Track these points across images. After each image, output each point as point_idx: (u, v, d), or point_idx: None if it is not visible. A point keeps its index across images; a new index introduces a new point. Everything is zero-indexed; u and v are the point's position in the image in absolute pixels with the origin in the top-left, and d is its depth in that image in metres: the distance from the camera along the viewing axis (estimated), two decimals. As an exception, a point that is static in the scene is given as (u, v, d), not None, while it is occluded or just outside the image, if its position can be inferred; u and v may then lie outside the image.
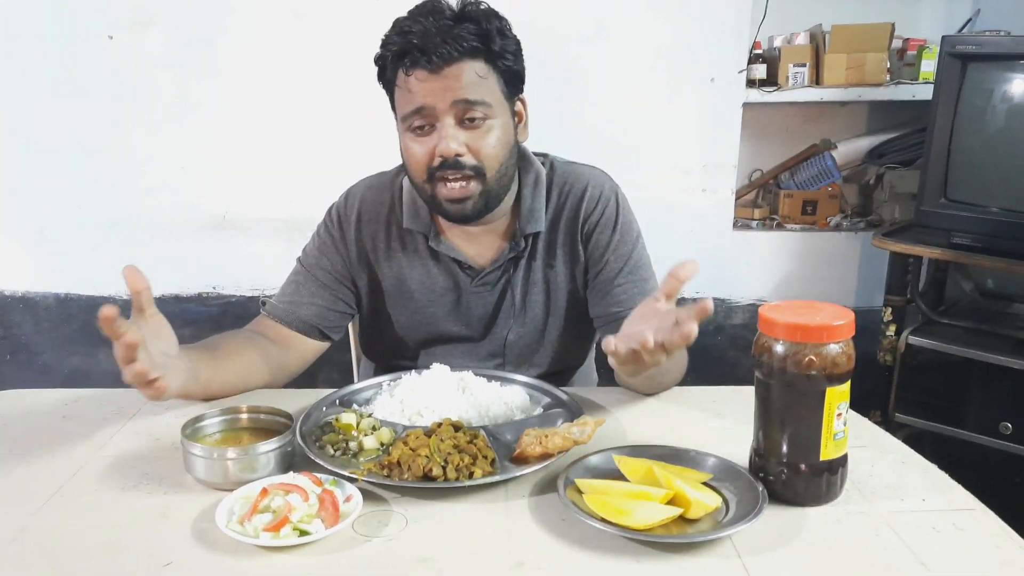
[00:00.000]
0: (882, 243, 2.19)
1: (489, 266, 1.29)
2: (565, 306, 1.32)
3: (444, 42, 1.10)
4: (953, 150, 2.05)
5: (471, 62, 1.13)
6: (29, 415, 1.15)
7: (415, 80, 1.13)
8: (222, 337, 1.21)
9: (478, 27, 1.13)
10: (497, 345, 1.33)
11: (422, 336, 1.34)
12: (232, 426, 1.01)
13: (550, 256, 1.30)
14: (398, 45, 1.13)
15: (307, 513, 0.83)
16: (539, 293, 1.30)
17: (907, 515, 0.87)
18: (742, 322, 2.51)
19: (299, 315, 1.28)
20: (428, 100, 1.13)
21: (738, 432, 1.00)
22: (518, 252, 1.28)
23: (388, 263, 1.31)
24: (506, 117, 1.19)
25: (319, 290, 1.30)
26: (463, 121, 1.15)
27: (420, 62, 1.11)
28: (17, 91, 2.27)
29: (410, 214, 1.28)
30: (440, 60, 1.11)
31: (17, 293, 2.44)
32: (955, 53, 2.00)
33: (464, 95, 1.13)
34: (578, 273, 1.30)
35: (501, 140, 1.18)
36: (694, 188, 2.39)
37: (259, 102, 2.27)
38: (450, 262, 1.29)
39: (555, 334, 1.34)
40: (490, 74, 1.16)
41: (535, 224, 1.27)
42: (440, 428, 0.98)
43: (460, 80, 1.13)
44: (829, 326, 0.84)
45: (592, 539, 0.82)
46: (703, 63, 2.30)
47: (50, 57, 2.24)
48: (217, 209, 2.35)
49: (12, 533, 0.84)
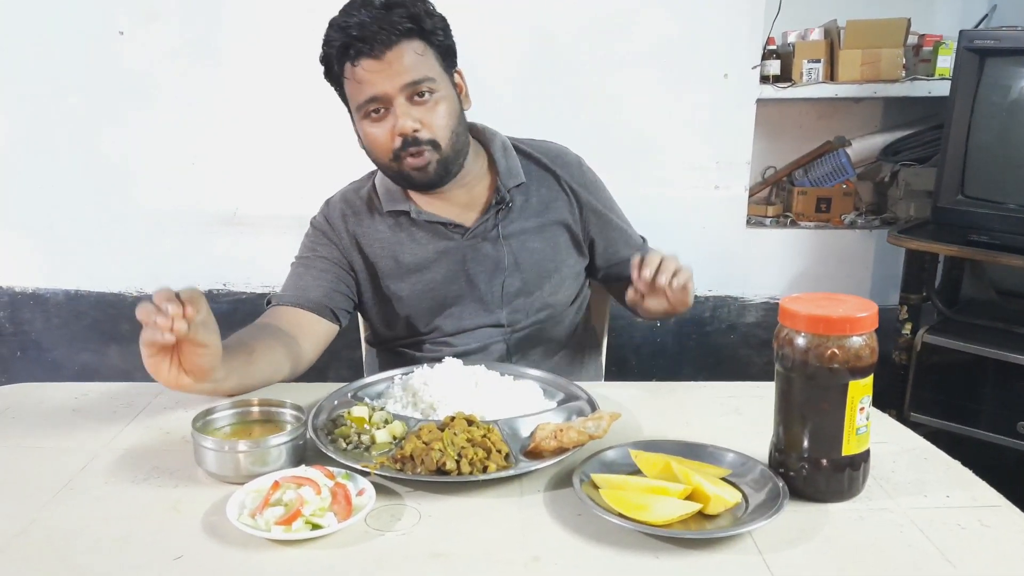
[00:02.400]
0: (898, 240, 2.16)
1: (478, 221, 1.36)
2: (564, 250, 1.41)
3: (381, 29, 1.19)
4: (970, 146, 2.02)
5: (408, 43, 1.22)
6: (39, 408, 1.14)
7: (362, 70, 1.22)
8: (252, 337, 1.20)
9: (407, 10, 1.22)
10: (496, 296, 1.37)
11: (427, 305, 1.37)
12: (243, 419, 1.00)
13: (541, 208, 1.39)
14: (339, 40, 1.21)
15: (319, 507, 0.82)
16: (537, 242, 1.38)
17: (931, 511, 0.85)
18: (755, 320, 2.49)
19: (309, 296, 1.32)
20: (379, 88, 1.22)
21: (756, 427, 0.98)
22: (504, 205, 1.36)
23: (379, 246, 1.37)
24: (448, 89, 1.28)
25: (322, 274, 1.35)
26: (412, 98, 1.23)
27: (364, 52, 1.20)
28: (28, 87, 2.27)
29: (387, 199, 1.37)
30: (381, 46, 1.20)
31: (28, 289, 2.44)
32: (973, 48, 1.97)
33: (410, 76, 1.22)
34: (574, 225, 1.41)
35: (449, 110, 1.27)
36: (707, 185, 2.36)
37: (270, 98, 2.26)
38: (437, 227, 1.35)
39: (555, 280, 1.40)
40: (427, 51, 1.25)
41: (515, 178, 1.37)
42: (453, 422, 0.97)
43: (403, 61, 1.21)
44: (852, 318, 0.82)
45: (609, 534, 0.80)
46: (716, 59, 2.27)
47: (61, 53, 2.24)
48: (228, 205, 2.34)
49: (22, 525, 0.83)
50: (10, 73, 2.26)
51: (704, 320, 2.49)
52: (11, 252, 2.41)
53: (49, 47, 2.23)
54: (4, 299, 2.44)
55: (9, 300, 2.44)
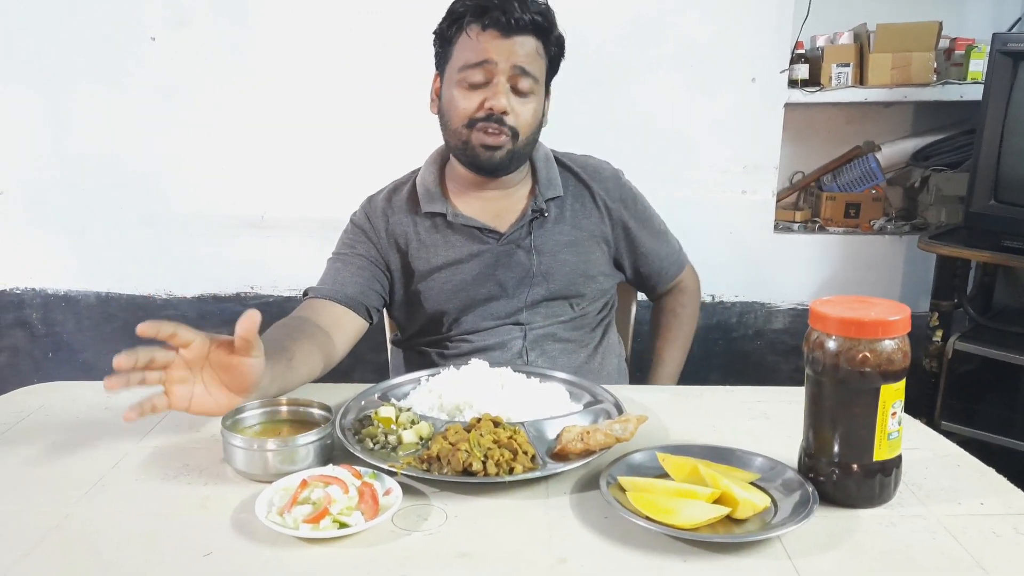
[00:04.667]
0: (929, 246, 2.13)
1: (513, 228, 1.37)
2: (594, 266, 1.42)
3: (522, 12, 1.25)
4: (1004, 151, 1.99)
5: (534, 38, 1.28)
6: (71, 407, 1.16)
7: (488, 36, 1.26)
8: (291, 339, 1.16)
9: (546, 12, 1.29)
10: (522, 301, 1.38)
11: (454, 305, 1.38)
12: (272, 418, 1.01)
13: (576, 221, 1.41)
14: (477, 2, 1.26)
15: (347, 505, 0.82)
16: (569, 255, 1.39)
17: (964, 519, 0.84)
18: (783, 327, 2.46)
19: (346, 292, 1.34)
20: (494, 56, 1.25)
21: (784, 432, 0.97)
22: (540, 215, 1.38)
23: (415, 245, 1.38)
24: (542, 96, 1.34)
25: (359, 271, 1.37)
26: (514, 88, 1.28)
27: (498, 21, 1.25)
28: (60, 93, 2.31)
29: (425, 199, 1.38)
30: (515, 25, 1.25)
31: (60, 291, 2.47)
32: (1006, 51, 1.95)
33: (524, 63, 1.27)
34: (609, 240, 1.43)
35: (536, 113, 1.32)
36: (734, 189, 2.34)
37: (298, 104, 2.28)
38: (471, 230, 1.37)
39: (584, 290, 1.41)
40: (543, 55, 1.31)
41: (554, 190, 1.40)
42: (480, 423, 0.97)
43: (525, 48, 1.27)
44: (884, 321, 0.81)
45: (636, 537, 0.80)
46: (744, 63, 2.26)
47: (94, 59, 2.27)
48: (255, 210, 2.36)
49: (56, 520, 0.84)
50: (43, 78, 2.30)
51: (731, 326, 2.47)
52: (44, 254, 2.45)
53: (82, 52, 2.27)
54: (37, 301, 2.48)
55: (42, 302, 2.48)
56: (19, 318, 2.50)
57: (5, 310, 2.49)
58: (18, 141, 2.35)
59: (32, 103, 2.32)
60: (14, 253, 2.45)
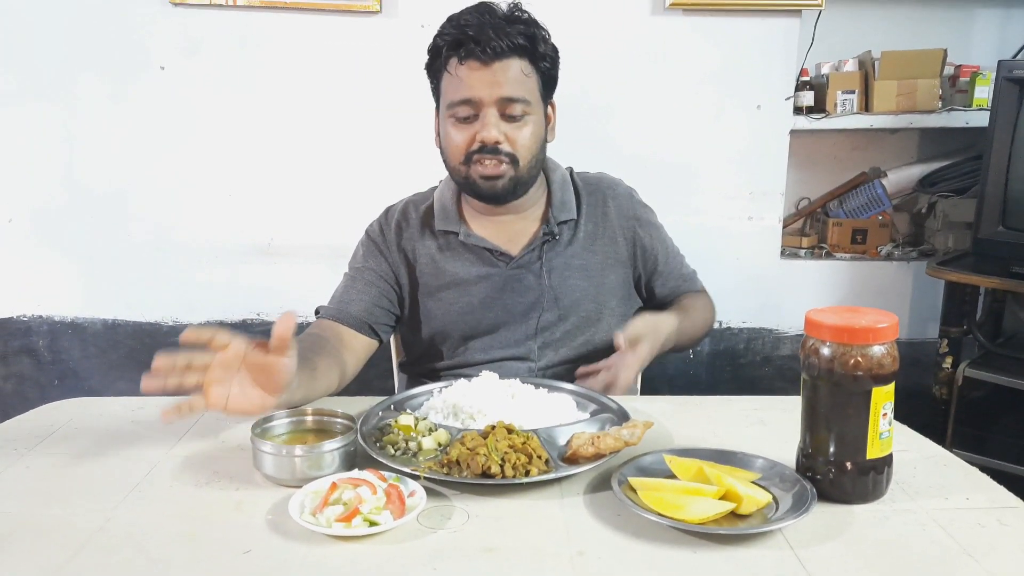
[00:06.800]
0: (937, 272, 2.12)
1: (524, 251, 1.38)
2: (608, 291, 1.42)
3: (497, 36, 1.23)
4: (1011, 177, 2.00)
5: (518, 60, 1.26)
6: (99, 421, 1.20)
7: (467, 69, 1.25)
8: (312, 351, 1.20)
9: (526, 29, 1.26)
10: (531, 328, 1.39)
11: (460, 329, 1.40)
12: (298, 427, 1.06)
13: (589, 244, 1.41)
14: (453, 36, 1.25)
15: (376, 505, 0.87)
16: (580, 279, 1.40)
17: (952, 512, 0.90)
18: (790, 353, 2.44)
19: (350, 312, 1.37)
20: (476, 92, 1.25)
21: (781, 437, 1.04)
22: (552, 237, 1.38)
23: (426, 260, 1.41)
24: (540, 116, 1.33)
25: (366, 288, 1.40)
26: (504, 113, 1.27)
27: (474, 53, 1.23)
28: (68, 121, 2.35)
29: (441, 217, 1.40)
30: (492, 53, 1.23)
31: (67, 318, 2.50)
32: (1012, 78, 1.97)
33: (509, 92, 1.26)
34: (626, 262, 1.44)
35: (535, 135, 1.31)
36: (740, 216, 2.36)
37: (305, 131, 2.33)
38: (483, 252, 1.39)
39: (596, 318, 1.41)
40: (532, 74, 1.29)
41: (567, 213, 1.40)
42: (495, 430, 1.02)
43: (507, 75, 1.25)
44: (874, 328, 0.88)
45: (649, 531, 0.85)
46: (750, 89, 2.29)
47: (104, 87, 2.32)
48: (263, 236, 2.40)
49: (99, 523, 0.89)
50: (52, 106, 2.34)
51: (738, 352, 2.47)
52: (51, 282, 2.48)
53: (91, 80, 2.32)
54: (43, 328, 2.51)
55: (48, 329, 2.51)
56: (26, 345, 2.52)
57: (12, 337, 2.51)
58: (27, 168, 2.38)
59: (41, 131, 2.35)
60: (22, 280, 2.47)
